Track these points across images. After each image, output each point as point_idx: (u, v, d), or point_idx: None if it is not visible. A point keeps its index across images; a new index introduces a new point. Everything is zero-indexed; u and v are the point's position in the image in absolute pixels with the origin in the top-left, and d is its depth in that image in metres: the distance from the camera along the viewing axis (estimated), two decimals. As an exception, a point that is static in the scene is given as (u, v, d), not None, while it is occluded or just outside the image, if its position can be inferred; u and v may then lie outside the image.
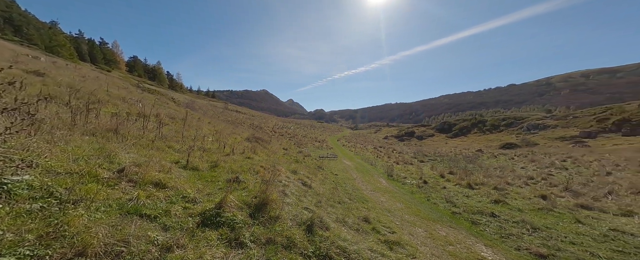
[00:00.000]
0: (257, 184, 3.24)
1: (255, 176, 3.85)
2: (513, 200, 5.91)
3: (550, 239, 3.62)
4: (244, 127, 20.82)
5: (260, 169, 4.39)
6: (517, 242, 3.51)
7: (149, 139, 3.93)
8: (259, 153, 6.79)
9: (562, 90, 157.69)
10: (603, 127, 28.36)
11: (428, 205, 5.37)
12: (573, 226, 4.15)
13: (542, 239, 3.58)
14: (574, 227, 4.08)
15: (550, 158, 17.19)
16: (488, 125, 47.47)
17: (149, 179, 2.34)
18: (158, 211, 1.93)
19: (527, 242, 3.47)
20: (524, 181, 9.48)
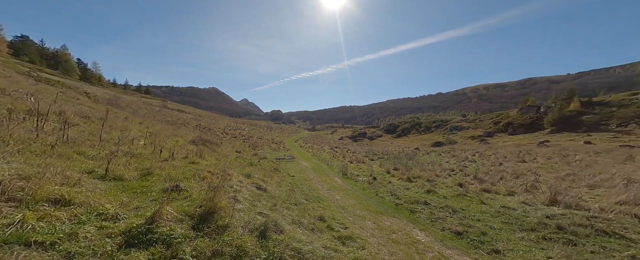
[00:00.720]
0: (202, 192, 2.92)
1: (201, 183, 3.47)
2: (440, 190, 7.08)
3: (465, 218, 4.50)
4: (189, 129, 18.47)
5: (208, 174, 3.98)
6: (443, 224, 4.23)
7: (46, 143, 3.06)
8: (207, 157, 6.15)
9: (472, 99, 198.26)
10: (497, 128, 36.90)
11: (377, 200, 5.91)
12: (479, 207, 5.26)
13: (459, 219, 4.42)
14: (480, 207, 5.19)
15: (465, 153, 21.35)
16: (423, 127, 55.42)
17: (43, 195, 1.82)
18: (57, 236, 1.52)
19: (449, 223, 4.21)
20: (448, 173, 11.44)
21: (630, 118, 24.58)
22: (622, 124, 24.45)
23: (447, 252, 3.14)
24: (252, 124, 55.38)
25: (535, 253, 3.12)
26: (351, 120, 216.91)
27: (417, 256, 2.94)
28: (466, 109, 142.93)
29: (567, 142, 23.11)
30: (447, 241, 3.52)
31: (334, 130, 77.70)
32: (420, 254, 3.00)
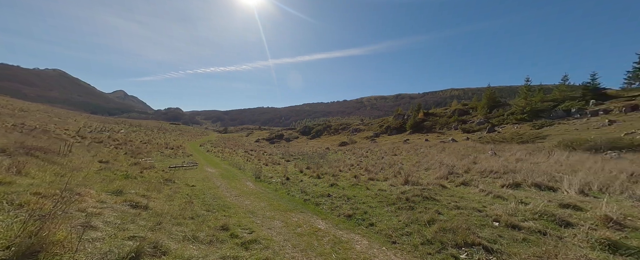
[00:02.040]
0: (16, 225, 2.01)
1: (18, 211, 2.36)
2: (341, 182, 8.39)
3: (355, 203, 5.63)
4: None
5: (33, 198, 2.76)
6: (339, 211, 5.09)
7: None
8: (35, 173, 4.21)
9: (367, 107, 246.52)
10: (382, 130, 47.93)
11: (288, 199, 6.19)
12: (365, 192, 6.72)
13: (350, 205, 5.46)
14: (366, 193, 6.63)
15: (361, 150, 26.29)
16: (333, 129, 62.76)
17: None
18: None
19: (344, 210, 5.12)
20: (348, 167, 13.65)
21: (445, 124, 39.38)
22: (441, 127, 38.76)
23: (339, 233, 3.82)
24: (132, 125, 42.25)
25: (392, 219, 4.42)
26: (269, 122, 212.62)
27: (316, 242, 3.40)
28: (363, 115, 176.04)
29: (417, 140, 33.67)
30: (340, 224, 4.28)
31: (250, 132, 73.33)
32: (319, 240, 3.49)
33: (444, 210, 4.75)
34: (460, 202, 5.31)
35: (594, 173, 7.20)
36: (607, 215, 3.62)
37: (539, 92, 32.08)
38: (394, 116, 52.62)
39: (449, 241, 3.28)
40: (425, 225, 3.96)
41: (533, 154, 13.37)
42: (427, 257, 3.04)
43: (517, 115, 29.78)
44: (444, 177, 8.78)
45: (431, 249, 3.20)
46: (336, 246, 3.31)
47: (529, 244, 3.07)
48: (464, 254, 2.96)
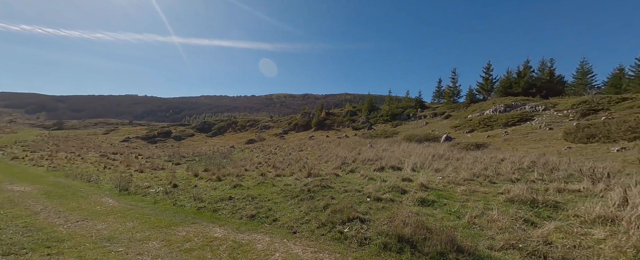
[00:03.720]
0: None
1: None
2: (246, 182, 7.91)
3: (260, 202, 5.50)
4: None
5: None
6: (242, 212, 4.78)
7: None
8: None
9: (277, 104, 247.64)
10: (290, 127, 49.86)
11: (173, 211, 5.04)
12: (271, 189, 6.73)
13: (255, 204, 5.29)
14: (272, 190, 6.65)
15: (270, 147, 26.09)
16: (239, 126, 57.86)
17: None
18: None
19: (246, 211, 4.87)
20: (256, 166, 13.12)
21: (341, 122, 47.17)
22: (338, 125, 46.09)
23: (240, 237, 3.59)
24: None
25: (295, 211, 4.74)
26: (148, 116, 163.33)
27: (210, 254, 3.00)
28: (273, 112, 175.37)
29: (320, 136, 38.06)
30: (242, 227, 4.03)
31: (113, 128, 53.16)
32: (214, 250, 3.10)
33: (336, 195, 5.67)
34: (348, 186, 6.54)
35: (418, 156, 11.21)
36: (422, 183, 5.79)
37: (395, 101, 45.89)
38: (301, 114, 56.36)
39: (337, 220, 3.95)
40: (321, 211, 4.56)
41: (392, 145, 18.82)
42: (320, 238, 3.50)
43: (384, 117, 40.88)
44: (339, 167, 10.45)
45: (324, 230, 3.72)
46: (235, 251, 3.08)
47: (385, 210, 4.32)
48: (347, 228, 3.68)
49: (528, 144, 13.63)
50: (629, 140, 10.25)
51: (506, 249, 2.75)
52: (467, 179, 6.24)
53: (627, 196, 3.74)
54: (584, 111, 17.04)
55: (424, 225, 3.28)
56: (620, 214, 3.19)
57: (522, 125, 18.67)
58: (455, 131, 22.88)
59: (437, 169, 8.01)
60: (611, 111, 15.71)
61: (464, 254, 2.66)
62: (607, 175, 5.29)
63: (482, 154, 11.04)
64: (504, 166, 7.56)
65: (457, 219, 3.75)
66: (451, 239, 2.84)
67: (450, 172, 7.14)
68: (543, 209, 3.87)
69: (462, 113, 29.20)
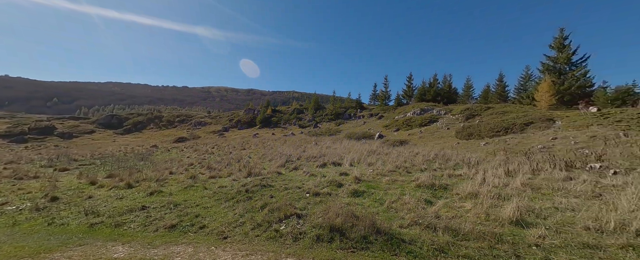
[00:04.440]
0: None
1: None
2: (169, 187, 6.71)
3: (185, 209, 4.76)
4: None
5: None
6: (158, 223, 4.01)
7: None
8: None
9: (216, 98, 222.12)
10: (232, 124, 45.77)
11: (48, 232, 3.73)
12: (202, 192, 5.95)
13: (178, 212, 4.55)
14: (202, 193, 5.88)
15: (206, 146, 23.14)
16: (165, 121, 48.80)
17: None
18: None
19: (166, 220, 4.12)
20: (186, 168, 11.36)
21: (288, 120, 46.78)
22: (285, 123, 45.57)
23: (151, 253, 2.99)
24: None
25: (228, 214, 4.35)
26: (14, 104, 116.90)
27: (103, 281, 2.37)
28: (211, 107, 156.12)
29: (265, 134, 36.61)
30: (156, 240, 3.38)
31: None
32: (110, 276, 2.46)
33: (276, 193, 5.55)
34: (289, 183, 6.52)
35: (356, 152, 12.38)
36: (356, 176, 6.41)
37: (339, 101, 49.25)
38: (245, 111, 52.59)
39: (274, 219, 3.87)
40: (259, 211, 4.36)
41: (335, 142, 20.06)
42: (255, 240, 3.34)
43: (329, 116, 43.19)
44: (282, 165, 10.30)
45: (260, 231, 3.57)
46: (142, 272, 2.54)
47: (322, 203, 4.54)
48: (283, 226, 3.66)
49: (434, 141, 17.25)
50: (490, 137, 14.52)
51: (411, 225, 3.37)
52: (391, 171, 7.31)
53: (485, 177, 5.29)
54: (467, 116, 22.98)
55: (353, 214, 3.62)
56: (480, 190, 4.47)
57: (431, 126, 23.48)
58: (386, 130, 26.51)
59: (370, 163, 9.05)
60: (482, 116, 21.84)
61: (381, 234, 3.09)
62: (476, 163, 7.32)
63: (404, 149, 13.21)
64: (417, 159, 9.27)
65: (379, 205, 4.33)
66: (373, 223, 3.25)
67: (379, 166, 8.20)
68: (438, 191, 4.97)
69: (391, 114, 34.13)
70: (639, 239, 2.76)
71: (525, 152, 7.77)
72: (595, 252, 2.60)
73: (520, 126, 14.63)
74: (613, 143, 8.24)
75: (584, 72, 21.32)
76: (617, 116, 12.15)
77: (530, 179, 5.24)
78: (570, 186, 4.53)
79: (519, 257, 2.59)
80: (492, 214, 3.57)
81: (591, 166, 5.79)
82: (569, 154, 7.44)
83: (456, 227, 3.18)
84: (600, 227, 3.02)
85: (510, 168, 5.98)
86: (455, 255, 2.68)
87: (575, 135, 10.85)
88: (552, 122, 14.31)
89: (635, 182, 4.41)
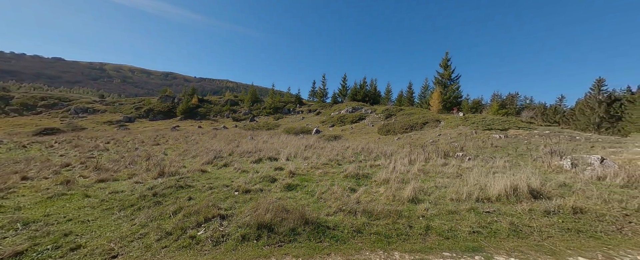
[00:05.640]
0: None
1: None
2: (18, 199, 4.62)
3: (44, 226, 3.38)
4: None
5: None
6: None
7: None
8: None
9: (115, 79, 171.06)
10: (139, 114, 36.55)
11: None
12: (79, 202, 4.41)
13: (31, 232, 3.17)
14: (79, 203, 4.36)
15: (96, 141, 17.46)
16: (18, 105, 33.87)
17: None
18: None
19: (7, 244, 2.79)
20: (55, 170, 8.18)
21: (219, 112, 41.61)
22: (215, 115, 40.37)
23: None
24: None
25: (123, 226, 3.41)
26: None
27: None
28: (107, 89, 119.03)
29: (189, 126, 31.27)
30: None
31: None
32: None
33: (197, 194, 4.82)
34: (215, 182, 5.80)
35: (294, 147, 12.46)
36: (291, 170, 6.43)
37: (278, 95, 48.13)
38: (161, 97, 43.10)
39: (190, 224, 3.32)
40: (169, 217, 3.63)
41: (273, 137, 19.48)
42: (161, 252, 2.76)
43: (267, 110, 41.53)
44: (209, 162, 9.07)
45: (168, 241, 2.98)
46: None
47: (252, 201, 4.27)
48: (202, 230, 3.20)
49: (362, 136, 19.68)
50: (401, 133, 17.98)
51: (336, 212, 3.69)
52: (324, 163, 7.76)
53: (395, 166, 6.48)
54: (386, 115, 27.56)
55: (284, 208, 3.59)
56: (391, 177, 5.44)
57: (360, 123, 26.66)
58: (322, 125, 28.04)
59: (306, 157, 9.29)
60: (397, 116, 26.75)
61: (309, 225, 3.22)
62: (391, 154, 8.86)
63: (337, 144, 14.35)
64: (348, 152, 10.28)
65: (311, 197, 4.50)
66: (302, 214, 3.32)
67: (314, 159, 8.55)
68: (361, 179, 5.69)
69: (328, 111, 36.39)
70: (477, 204, 4.06)
71: (421, 145, 10.05)
72: (455, 215, 3.65)
73: (420, 125, 18.72)
74: (469, 138, 11.84)
75: (457, 87, 29.53)
76: (472, 119, 17.53)
77: (424, 166, 6.78)
78: (446, 169, 6.18)
79: (412, 227, 3.29)
80: (397, 196, 4.38)
81: (457, 154, 8.10)
82: (447, 146, 10.14)
83: (371, 209, 3.71)
84: (459, 197, 4.26)
85: (412, 158, 7.55)
86: (368, 233, 3.11)
87: (450, 133, 14.90)
88: (439, 123, 19.07)
89: (479, 165, 6.47)
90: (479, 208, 3.86)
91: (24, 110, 33.11)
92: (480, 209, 3.84)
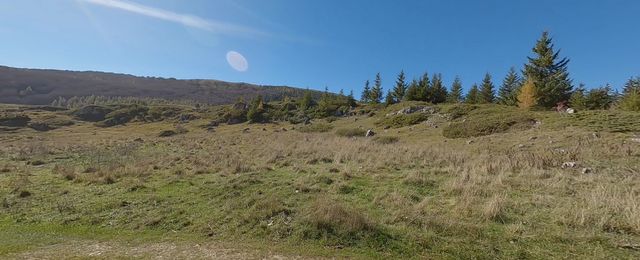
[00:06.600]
0: None
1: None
2: (152, 182, 6.47)
3: (169, 205, 4.61)
4: None
5: None
6: (139, 220, 3.85)
7: None
8: None
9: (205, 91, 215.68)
10: (221, 119, 44.76)
11: (16, 230, 3.51)
12: (188, 188, 5.78)
13: (161, 208, 4.39)
14: (188, 189, 5.72)
15: (194, 141, 22.53)
16: (150, 114, 47.00)
17: None
18: None
19: (148, 217, 3.97)
20: (172, 162, 11.00)
21: (279, 115, 46.27)
22: (276, 118, 45.07)
23: (131, 251, 2.87)
24: None
25: (214, 211, 4.25)
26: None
27: (76, 282, 2.24)
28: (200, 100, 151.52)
29: (256, 129, 36.07)
30: (137, 237, 3.25)
31: None
32: (85, 275, 2.34)
33: (265, 190, 5.49)
34: (279, 180, 6.46)
35: (347, 149, 12.46)
36: (346, 173, 6.45)
37: (331, 97, 49.25)
38: (236, 105, 51.47)
39: (262, 215, 3.82)
40: (246, 207, 4.29)
41: (326, 138, 20.08)
42: (241, 237, 3.28)
43: (321, 112, 43.13)
44: (272, 161, 10.19)
45: (246, 228, 3.51)
46: (119, 271, 2.43)
47: (311, 200, 4.53)
48: (271, 222, 3.62)
49: (423, 139, 17.67)
50: (475, 136, 15.06)
51: (397, 221, 3.44)
52: (380, 167, 7.41)
53: (469, 174, 5.48)
54: (454, 115, 23.68)
55: (341, 210, 3.64)
56: (464, 187, 4.63)
57: (420, 124, 24.00)
58: (376, 127, 26.84)
59: (360, 160, 9.12)
60: (468, 115, 22.58)
61: (368, 230, 3.13)
62: (462, 160, 7.56)
63: (393, 147, 13.43)
64: (406, 156, 9.45)
65: (368, 202, 4.38)
66: (361, 219, 3.27)
67: (369, 162, 8.29)
68: (425, 187, 5.10)
69: (382, 112, 34.55)
70: (605, 233, 2.95)
71: (507, 150, 8.11)
72: (567, 245, 2.75)
73: (504, 126, 15.22)
74: (586, 143, 8.76)
75: (563, 75, 22.37)
76: (591, 118, 12.90)
77: (511, 177, 5.47)
78: (547, 183, 4.78)
79: (498, 252, 2.70)
80: (474, 210, 3.70)
81: (566, 164, 6.13)
82: (547, 152, 7.83)
83: (440, 223, 3.27)
84: (572, 222, 3.20)
85: (493, 166, 6.21)
86: (438, 250, 2.75)
87: (553, 135, 11.43)
88: (532, 122, 14.99)
89: (604, 180, 4.71)
90: (610, 240, 2.80)
91: (154, 118, 46.32)
92: (612, 241, 2.78)
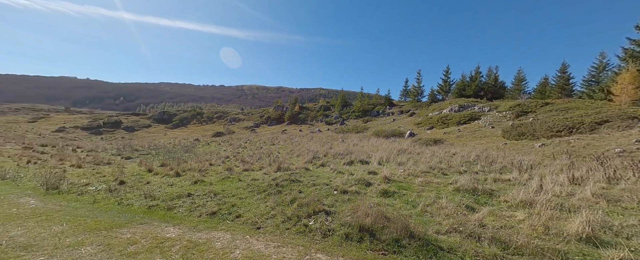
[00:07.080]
0: None
1: None
2: (209, 177, 7.40)
3: (223, 198, 5.20)
4: None
5: None
6: (201, 210, 4.46)
7: None
8: None
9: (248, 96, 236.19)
10: (262, 121, 48.25)
11: (118, 210, 4.46)
12: (237, 184, 6.43)
13: (217, 201, 4.99)
14: (237, 185, 6.35)
15: (240, 141, 24.91)
16: (205, 117, 53.83)
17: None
18: None
19: (207, 208, 4.56)
20: (222, 160, 12.38)
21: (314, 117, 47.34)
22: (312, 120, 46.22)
23: (196, 236, 3.35)
24: None
25: (260, 206, 4.61)
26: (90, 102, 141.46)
27: (159, 257, 2.73)
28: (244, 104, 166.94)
29: (293, 130, 37.69)
30: (200, 225, 3.77)
31: (44, 115, 44.87)
32: (164, 252, 2.83)
33: (305, 189, 5.68)
34: (317, 180, 6.61)
35: (385, 150, 11.91)
36: (385, 176, 6.17)
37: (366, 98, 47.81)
38: (274, 107, 54.81)
39: (303, 214, 3.97)
40: (288, 205, 4.52)
41: (362, 140, 19.62)
42: (285, 232, 3.48)
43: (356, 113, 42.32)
44: (309, 162, 10.49)
45: (289, 224, 3.70)
46: (189, 252, 2.86)
47: (350, 202, 4.49)
48: (312, 221, 3.72)
49: (475, 140, 15.57)
50: (547, 138, 12.48)
51: (450, 232, 3.11)
52: (424, 172, 6.84)
53: (542, 183, 4.56)
54: (517, 113, 20.12)
55: (383, 215, 3.50)
56: (536, 199, 3.88)
57: (471, 124, 21.22)
58: (417, 128, 24.88)
59: (400, 163, 8.62)
60: (537, 113, 18.88)
61: (415, 239, 2.92)
62: (530, 166, 6.37)
63: (439, 149, 12.23)
64: (455, 160, 8.49)
65: (412, 208, 4.09)
66: (406, 226, 3.08)
67: (410, 166, 7.75)
68: (481, 196, 4.48)
69: (424, 111, 31.84)
70: None
71: (597, 156, 6.47)
72: None
73: (590, 125, 12.27)
74: None
75: (686, 58, 16.78)
76: None
77: (605, 189, 4.35)
78: (663, 201, 3.63)
79: (589, 282, 2.18)
80: (552, 227, 3.07)
81: (696, 178, 4.54)
82: (661, 161, 5.95)
83: (506, 239, 2.83)
84: None
85: (577, 175, 5.05)
86: (503, 270, 2.38)
87: (671, 138, 8.65)
88: (635, 121, 11.67)
89: None
90: None
91: (208, 120, 53.15)
92: None
